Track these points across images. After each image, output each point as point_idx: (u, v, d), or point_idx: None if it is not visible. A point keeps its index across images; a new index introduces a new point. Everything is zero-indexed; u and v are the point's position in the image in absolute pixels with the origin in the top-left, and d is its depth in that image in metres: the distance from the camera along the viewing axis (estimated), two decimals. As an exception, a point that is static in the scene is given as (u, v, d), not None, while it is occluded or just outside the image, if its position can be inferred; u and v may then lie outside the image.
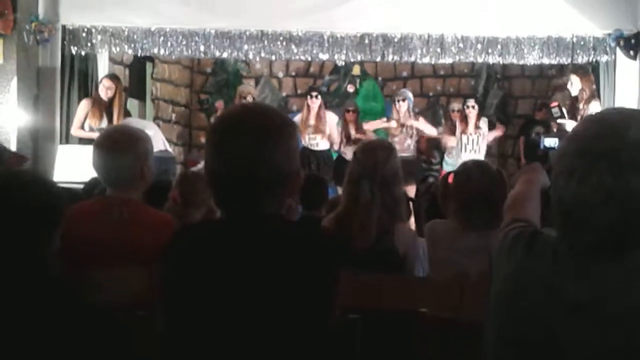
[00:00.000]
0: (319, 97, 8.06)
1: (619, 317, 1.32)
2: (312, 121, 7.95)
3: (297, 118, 8.06)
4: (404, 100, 7.92)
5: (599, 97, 7.05)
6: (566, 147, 1.39)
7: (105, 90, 6.87)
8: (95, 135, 6.29)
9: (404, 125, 7.89)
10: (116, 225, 2.55)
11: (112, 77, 7.14)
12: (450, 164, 8.00)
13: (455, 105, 8.73)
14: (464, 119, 8.00)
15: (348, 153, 7.96)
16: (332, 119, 8.09)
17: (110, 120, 6.84)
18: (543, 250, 1.46)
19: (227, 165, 1.59)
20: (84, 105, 6.87)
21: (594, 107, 6.76)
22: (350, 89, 11.02)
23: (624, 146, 1.30)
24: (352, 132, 8.10)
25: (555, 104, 7.16)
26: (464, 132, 7.94)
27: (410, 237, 3.18)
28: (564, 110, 6.90)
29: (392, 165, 3.15)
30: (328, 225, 3.10)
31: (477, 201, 3.02)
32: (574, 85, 7.02)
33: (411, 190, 7.55)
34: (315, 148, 8.03)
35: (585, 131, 1.38)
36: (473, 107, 7.97)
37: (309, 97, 8.05)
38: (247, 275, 1.54)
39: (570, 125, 6.68)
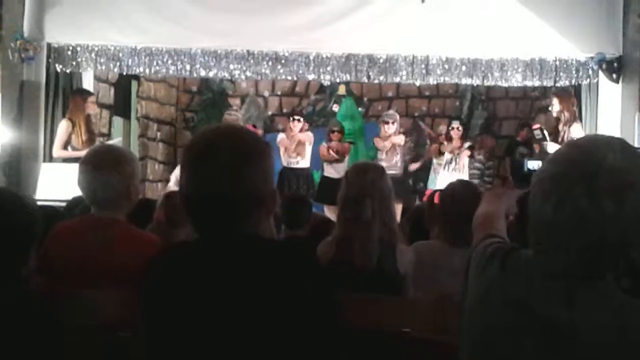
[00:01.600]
0: (301, 120, 8.26)
1: (588, 343, 1.33)
2: (294, 143, 8.10)
3: (281, 137, 8.19)
4: (393, 122, 8.04)
5: (580, 119, 7.12)
6: (545, 170, 1.42)
7: (92, 106, 6.94)
8: (79, 153, 6.27)
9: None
10: (101, 246, 2.52)
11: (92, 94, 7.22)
12: (432, 181, 8.20)
13: (441, 127, 8.90)
14: (449, 139, 8.15)
15: (332, 172, 8.03)
16: (308, 138, 8.20)
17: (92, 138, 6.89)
18: (516, 269, 1.47)
19: (202, 188, 1.57)
20: (64, 127, 6.80)
21: (576, 129, 6.84)
22: (336, 108, 11.06)
23: (600, 172, 1.32)
24: (334, 153, 8.18)
25: (537, 126, 7.24)
26: (449, 151, 8.12)
27: (410, 257, 3.17)
28: (545, 132, 6.97)
29: (387, 183, 3.17)
30: (325, 250, 3.06)
31: (462, 221, 3.02)
32: (555, 106, 7.09)
33: (397, 209, 7.61)
34: (295, 166, 8.13)
35: (564, 156, 1.41)
36: (458, 128, 8.14)
37: (290, 120, 8.27)
38: (225, 296, 1.53)
39: (551, 146, 6.76)
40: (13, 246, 1.82)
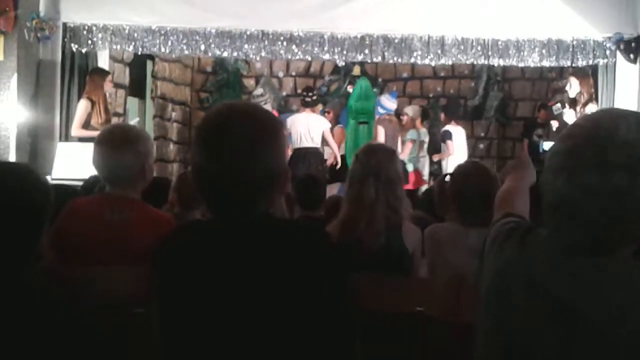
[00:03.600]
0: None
1: (602, 321, 1.32)
2: None
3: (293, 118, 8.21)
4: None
5: (596, 100, 7.07)
6: (557, 145, 1.41)
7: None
8: (98, 133, 6.28)
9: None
10: (116, 224, 2.54)
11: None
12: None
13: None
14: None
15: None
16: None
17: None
18: (534, 247, 1.47)
19: (216, 166, 1.55)
20: (84, 107, 6.81)
21: (591, 110, 6.79)
22: (350, 89, 11.02)
23: (612, 146, 1.31)
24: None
25: (553, 103, 7.23)
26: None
27: (418, 236, 3.18)
28: (566, 104, 6.95)
29: (395, 166, 3.17)
30: (333, 232, 3.07)
31: (476, 201, 3.02)
32: (573, 87, 7.04)
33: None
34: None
35: (576, 130, 1.40)
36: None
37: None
38: (239, 275, 1.52)
39: (568, 115, 6.77)
40: (26, 223, 1.81)
